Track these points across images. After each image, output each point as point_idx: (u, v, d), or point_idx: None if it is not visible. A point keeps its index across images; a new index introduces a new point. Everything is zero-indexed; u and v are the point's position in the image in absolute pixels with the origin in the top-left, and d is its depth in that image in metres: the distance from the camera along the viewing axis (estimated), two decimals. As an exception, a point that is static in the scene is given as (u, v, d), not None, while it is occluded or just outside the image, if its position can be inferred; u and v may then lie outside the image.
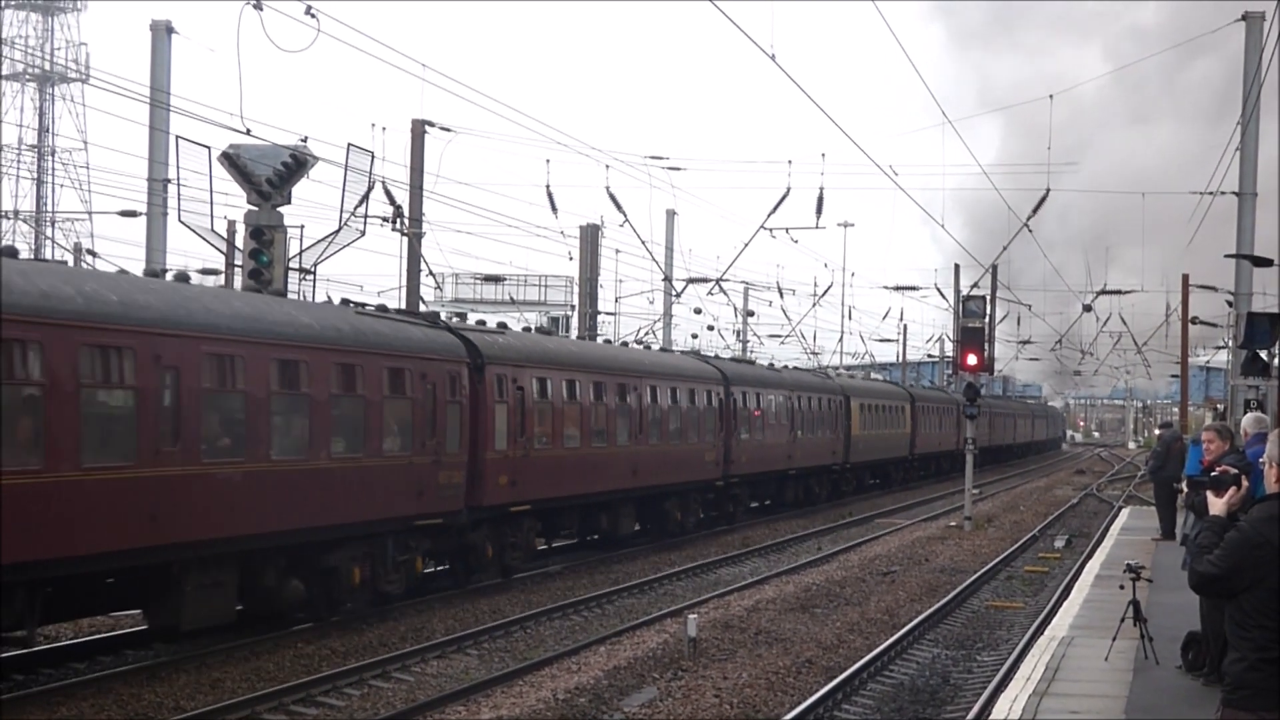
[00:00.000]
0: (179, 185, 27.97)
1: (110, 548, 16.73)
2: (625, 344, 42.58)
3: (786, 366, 53.91)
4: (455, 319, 28.92)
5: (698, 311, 62.23)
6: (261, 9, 23.35)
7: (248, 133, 24.88)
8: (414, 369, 22.97)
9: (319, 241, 28.89)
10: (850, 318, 77.49)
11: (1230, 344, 46.95)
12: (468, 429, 24.59)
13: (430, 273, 37.73)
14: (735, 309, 67.02)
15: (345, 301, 24.70)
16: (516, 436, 26.47)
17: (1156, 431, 52.23)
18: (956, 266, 59.41)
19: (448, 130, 34.95)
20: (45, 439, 15.80)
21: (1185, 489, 21.08)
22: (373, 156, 29.50)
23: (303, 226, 28.82)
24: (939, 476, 69.18)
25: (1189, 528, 15.60)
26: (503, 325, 29.09)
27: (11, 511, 15.09)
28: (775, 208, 45.46)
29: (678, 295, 56.12)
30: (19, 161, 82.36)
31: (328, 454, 20.66)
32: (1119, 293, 69.17)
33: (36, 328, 15.63)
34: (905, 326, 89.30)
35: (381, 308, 24.82)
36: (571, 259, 46.47)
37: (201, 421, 18.05)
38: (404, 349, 22.99)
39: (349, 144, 28.64)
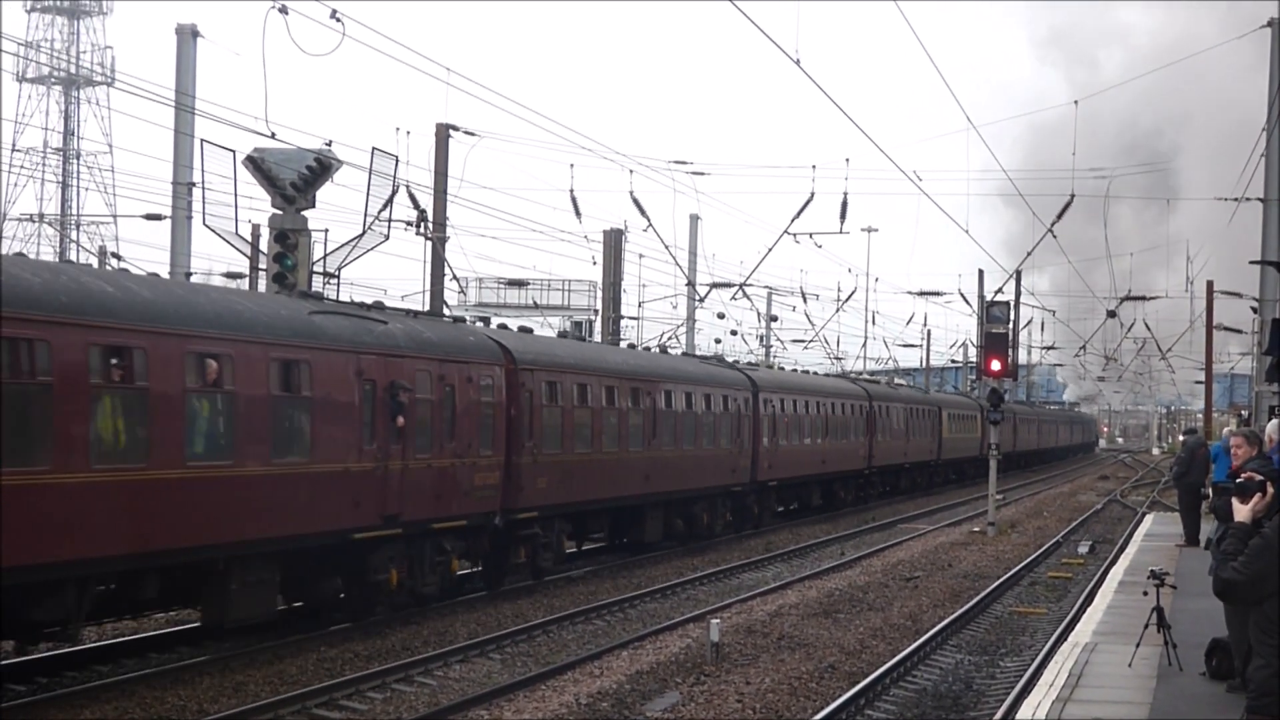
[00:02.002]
0: (204, 189, 28.01)
1: (601, 496, 30.02)
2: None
3: (898, 383, 67.27)
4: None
5: (721, 316, 62.31)
6: (286, 12, 23.42)
7: (272, 136, 24.94)
8: (729, 395, 37.95)
9: (343, 245, 28.91)
10: (874, 323, 77.50)
11: (1255, 350, 46.73)
12: (750, 432, 39.28)
13: (454, 276, 37.83)
14: (759, 314, 67.01)
15: (684, 353, 43.12)
16: (771, 436, 40.91)
17: (1180, 437, 52.01)
18: (980, 272, 59.16)
19: (472, 134, 34.99)
20: (563, 437, 27.93)
21: (1211, 495, 20.96)
22: (397, 160, 29.51)
23: (327, 230, 28.81)
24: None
25: (1215, 533, 15.52)
26: (754, 364, 46.10)
27: (568, 474, 28.02)
28: (799, 213, 45.36)
29: (701, 300, 56.16)
30: (44, 165, 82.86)
31: (696, 446, 35.03)
32: (1143, 299, 68.86)
33: (559, 374, 27.89)
34: (929, 332, 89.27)
35: (703, 357, 41.93)
36: (595, 263, 46.46)
37: (628, 426, 31.06)
38: (726, 383, 38.06)
39: (373, 148, 28.65)
